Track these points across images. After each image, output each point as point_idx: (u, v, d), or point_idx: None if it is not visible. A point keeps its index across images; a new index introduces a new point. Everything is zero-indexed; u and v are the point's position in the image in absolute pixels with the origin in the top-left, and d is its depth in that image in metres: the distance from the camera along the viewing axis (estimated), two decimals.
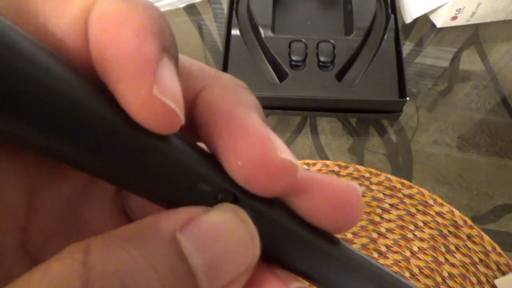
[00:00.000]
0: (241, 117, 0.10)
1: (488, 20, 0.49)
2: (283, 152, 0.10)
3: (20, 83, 0.08)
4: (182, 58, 0.11)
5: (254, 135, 0.10)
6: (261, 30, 0.44)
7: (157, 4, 0.50)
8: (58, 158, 0.09)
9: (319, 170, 0.40)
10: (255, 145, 0.10)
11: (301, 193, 0.11)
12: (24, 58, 0.08)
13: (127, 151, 0.09)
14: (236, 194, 0.10)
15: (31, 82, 0.08)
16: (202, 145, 0.11)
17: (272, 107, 0.43)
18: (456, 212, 0.38)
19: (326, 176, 0.11)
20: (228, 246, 0.09)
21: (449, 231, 0.37)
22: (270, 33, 0.44)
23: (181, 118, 0.09)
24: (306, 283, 0.11)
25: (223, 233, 0.09)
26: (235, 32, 0.44)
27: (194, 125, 0.11)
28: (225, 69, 0.43)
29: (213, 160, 0.10)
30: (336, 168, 0.40)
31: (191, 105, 0.11)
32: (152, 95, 0.09)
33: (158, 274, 0.08)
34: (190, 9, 0.51)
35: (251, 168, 0.10)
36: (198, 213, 0.09)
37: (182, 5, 0.51)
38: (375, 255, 0.37)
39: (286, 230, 0.11)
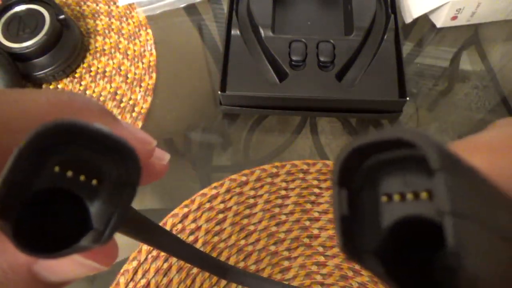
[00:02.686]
0: None
1: (488, 20, 0.49)
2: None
3: None
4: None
5: None
6: (261, 30, 0.44)
7: (157, 4, 0.50)
8: None
9: (319, 170, 0.40)
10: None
11: None
12: None
13: None
14: None
15: None
16: None
17: (272, 107, 0.43)
18: None
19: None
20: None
21: None
22: (270, 33, 0.44)
23: None
24: None
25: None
26: (235, 32, 0.44)
27: None
28: (225, 69, 0.43)
29: None
30: None
31: None
32: None
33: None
34: (190, 9, 0.51)
35: None
36: None
37: (182, 5, 0.51)
38: None
39: None
